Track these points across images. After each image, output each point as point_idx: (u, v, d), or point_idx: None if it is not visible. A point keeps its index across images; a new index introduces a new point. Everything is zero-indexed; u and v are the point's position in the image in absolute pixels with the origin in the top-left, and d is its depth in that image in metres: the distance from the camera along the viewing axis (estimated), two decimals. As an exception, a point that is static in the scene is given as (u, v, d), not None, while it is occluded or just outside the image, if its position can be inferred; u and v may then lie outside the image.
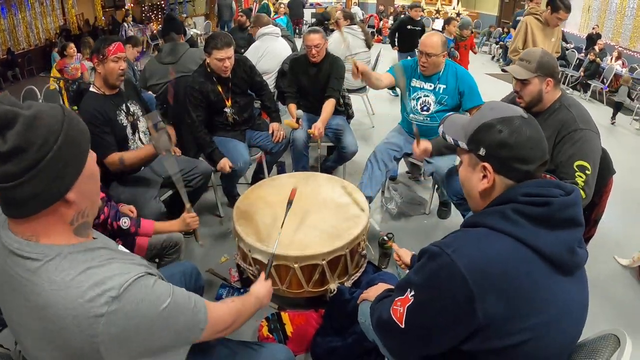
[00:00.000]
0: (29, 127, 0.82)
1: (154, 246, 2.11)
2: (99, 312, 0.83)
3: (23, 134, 0.81)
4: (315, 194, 2.48)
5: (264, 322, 2.18)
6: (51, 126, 0.85)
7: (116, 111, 2.44)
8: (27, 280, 0.86)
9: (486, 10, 14.23)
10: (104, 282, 0.86)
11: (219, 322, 1.12)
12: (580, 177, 1.85)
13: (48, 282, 0.85)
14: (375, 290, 1.48)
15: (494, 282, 0.92)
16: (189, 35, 7.49)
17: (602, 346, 1.05)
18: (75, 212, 0.93)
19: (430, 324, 1.00)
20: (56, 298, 0.84)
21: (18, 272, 0.87)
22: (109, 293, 0.85)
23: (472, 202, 1.15)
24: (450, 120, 1.21)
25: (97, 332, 0.84)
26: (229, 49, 2.81)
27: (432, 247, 1.01)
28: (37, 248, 0.88)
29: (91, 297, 0.84)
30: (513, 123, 1.02)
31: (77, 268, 0.87)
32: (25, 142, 0.81)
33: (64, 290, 0.84)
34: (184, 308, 0.98)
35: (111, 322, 0.84)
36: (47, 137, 0.83)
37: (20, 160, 0.81)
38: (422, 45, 2.78)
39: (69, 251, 0.89)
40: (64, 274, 0.85)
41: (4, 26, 10.09)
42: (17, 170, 0.81)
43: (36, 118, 0.83)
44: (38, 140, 0.82)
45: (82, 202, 0.93)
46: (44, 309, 0.85)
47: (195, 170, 2.74)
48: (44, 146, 0.83)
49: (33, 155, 0.82)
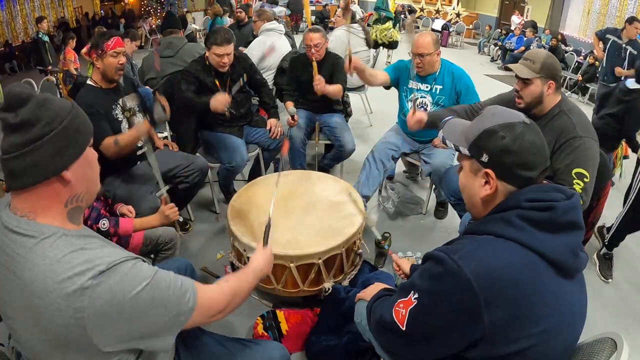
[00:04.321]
0: (40, 106, 0.91)
1: (149, 242, 2.10)
2: (85, 285, 0.86)
3: (33, 111, 0.90)
4: (311, 192, 2.47)
5: (259, 319, 2.17)
6: (60, 109, 0.94)
7: (112, 105, 2.42)
8: (21, 257, 0.89)
9: (486, 12, 14.24)
10: (93, 260, 0.90)
11: (211, 304, 1.09)
12: (578, 184, 1.85)
13: (41, 257, 0.88)
14: (371, 290, 1.47)
15: (501, 289, 0.92)
16: (189, 30, 7.49)
17: (599, 349, 1.05)
18: (70, 194, 0.98)
19: (433, 328, 1.00)
20: (45, 272, 0.87)
21: (14, 249, 0.91)
22: (98, 267, 0.88)
23: (473, 208, 1.13)
24: (450, 124, 1.19)
25: (83, 306, 0.86)
26: (229, 46, 2.79)
27: (438, 253, 1.00)
28: (34, 226, 0.92)
29: (80, 270, 0.87)
30: (515, 129, 1.01)
31: (70, 247, 0.91)
32: (35, 117, 0.90)
33: (55, 264, 0.88)
34: (170, 286, 0.98)
35: (97, 295, 0.87)
36: (54, 117, 0.92)
37: (27, 132, 0.90)
38: (415, 47, 2.74)
39: (64, 233, 0.93)
40: (57, 250, 0.90)
41: (2, 18, 10.03)
42: (22, 140, 0.90)
43: (48, 101, 0.93)
44: (46, 118, 0.91)
45: (78, 185, 0.98)
46: (33, 283, 0.87)
47: (192, 166, 2.72)
48: (51, 124, 0.91)
49: (39, 130, 0.90)
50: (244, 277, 1.27)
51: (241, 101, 3.13)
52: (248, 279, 1.28)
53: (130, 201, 2.20)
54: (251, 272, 1.32)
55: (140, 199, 2.36)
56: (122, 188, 2.44)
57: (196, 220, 3.20)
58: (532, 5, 12.26)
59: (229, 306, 1.15)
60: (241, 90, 3.11)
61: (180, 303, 0.99)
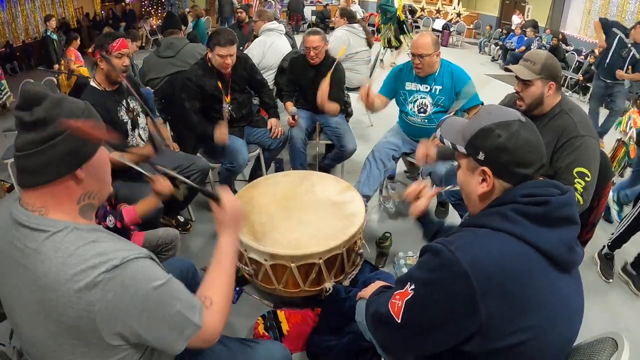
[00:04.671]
0: (56, 105, 0.92)
1: (149, 243, 2.10)
2: (98, 279, 0.87)
3: (49, 110, 0.91)
4: (312, 192, 2.47)
5: (259, 319, 2.17)
6: (75, 109, 0.95)
7: (117, 107, 2.42)
8: (33, 250, 0.90)
9: (486, 11, 14.23)
10: (107, 253, 0.90)
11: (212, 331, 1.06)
12: (579, 183, 1.85)
13: (53, 250, 0.89)
14: (372, 289, 1.47)
15: (498, 280, 0.93)
16: (190, 28, 7.55)
17: (599, 349, 1.05)
18: (83, 192, 0.99)
19: (429, 319, 1.00)
20: (58, 265, 0.87)
21: (25, 243, 0.91)
22: (112, 262, 0.89)
23: (470, 205, 1.15)
24: (448, 123, 1.21)
25: (94, 299, 0.87)
26: (232, 47, 2.78)
27: (435, 244, 1.01)
28: (45, 221, 0.93)
29: (94, 263, 0.88)
30: (511, 127, 1.03)
31: (83, 240, 0.92)
32: (50, 116, 0.91)
33: (67, 257, 0.88)
34: (181, 294, 0.99)
35: (108, 288, 0.87)
36: (69, 116, 0.92)
37: (42, 130, 0.91)
38: (414, 47, 2.73)
39: (76, 227, 0.94)
40: (69, 244, 0.90)
41: (3, 19, 10.02)
42: (38, 138, 0.90)
43: (63, 100, 0.95)
44: (61, 117, 0.91)
45: (91, 184, 1.00)
46: (45, 275, 0.88)
47: (193, 166, 2.73)
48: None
49: (54, 128, 0.91)
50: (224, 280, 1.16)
51: (242, 102, 3.13)
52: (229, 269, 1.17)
53: (132, 201, 2.19)
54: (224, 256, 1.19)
55: (142, 198, 2.36)
56: (124, 188, 2.44)
57: (197, 220, 3.20)
58: (532, 4, 12.25)
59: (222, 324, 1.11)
60: (242, 91, 3.12)
61: (188, 316, 0.99)
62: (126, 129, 2.46)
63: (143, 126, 2.59)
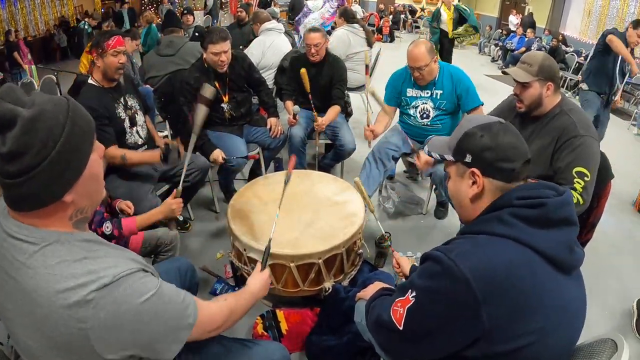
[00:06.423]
0: (28, 130, 0.82)
1: (148, 243, 2.09)
2: (89, 297, 0.84)
3: (20, 138, 0.81)
4: (311, 192, 2.47)
5: (258, 319, 2.17)
6: (51, 129, 0.84)
7: (115, 104, 2.43)
8: (22, 264, 0.87)
9: (486, 12, 14.24)
10: (97, 272, 0.87)
11: (210, 321, 1.10)
12: (579, 183, 1.85)
13: (43, 266, 0.86)
14: (371, 289, 1.47)
15: (499, 285, 0.92)
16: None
17: (599, 350, 1.04)
18: (74, 210, 0.94)
19: (430, 326, 1.00)
20: (48, 282, 0.85)
21: (15, 255, 0.88)
22: (102, 280, 0.86)
23: (463, 211, 1.18)
24: (433, 140, 1.29)
25: (86, 316, 0.84)
26: (225, 43, 2.78)
27: (435, 252, 1.02)
28: (36, 232, 0.89)
29: (84, 282, 0.85)
30: (492, 128, 1.08)
31: (73, 256, 0.88)
32: (23, 146, 0.82)
33: (58, 274, 0.85)
34: (172, 300, 0.98)
35: (100, 307, 0.85)
36: (45, 141, 0.83)
37: (18, 162, 0.82)
38: (411, 61, 2.70)
39: (67, 239, 0.91)
40: (59, 259, 0.87)
41: (3, 16, 10.02)
42: (15, 171, 0.83)
43: (36, 120, 0.83)
44: (36, 145, 0.82)
45: (81, 202, 0.95)
46: (35, 291, 0.85)
47: (193, 165, 2.72)
48: (42, 150, 0.83)
49: (30, 159, 0.83)
50: (242, 298, 1.30)
51: (241, 101, 3.12)
52: (245, 300, 1.31)
53: (130, 200, 2.19)
54: (248, 294, 1.35)
55: (140, 197, 2.36)
56: (123, 187, 2.44)
57: (196, 219, 3.20)
58: (532, 5, 12.27)
59: (225, 324, 1.17)
60: (241, 90, 3.11)
61: (182, 317, 0.99)
62: (124, 127, 2.46)
63: (141, 123, 2.59)
